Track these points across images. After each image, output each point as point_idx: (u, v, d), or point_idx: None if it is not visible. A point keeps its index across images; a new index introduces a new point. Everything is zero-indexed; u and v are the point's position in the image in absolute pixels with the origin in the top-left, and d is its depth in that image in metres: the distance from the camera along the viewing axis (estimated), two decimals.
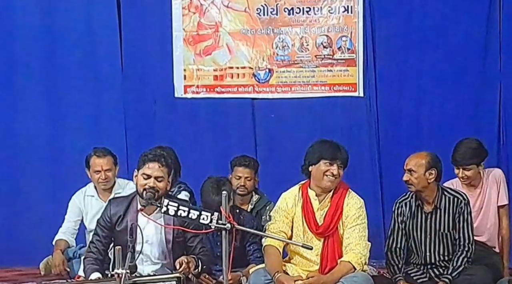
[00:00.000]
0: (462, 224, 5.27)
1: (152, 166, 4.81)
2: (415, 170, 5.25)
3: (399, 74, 6.77)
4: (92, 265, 4.81)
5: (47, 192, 6.97)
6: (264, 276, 4.90)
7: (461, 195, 5.33)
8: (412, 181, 5.26)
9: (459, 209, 5.28)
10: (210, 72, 6.98)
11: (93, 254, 4.87)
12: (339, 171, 5.01)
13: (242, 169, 6.00)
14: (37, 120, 7.01)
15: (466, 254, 5.23)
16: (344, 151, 5.08)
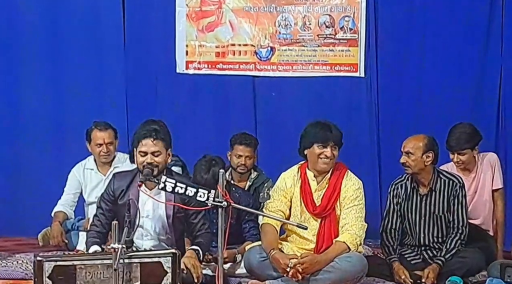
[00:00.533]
0: (456, 206, 5.31)
1: (146, 143, 4.84)
2: (412, 152, 5.28)
3: (401, 55, 6.76)
4: (93, 238, 4.86)
5: (47, 164, 7.00)
6: (260, 254, 4.96)
7: (456, 178, 5.37)
8: (409, 164, 5.29)
9: (454, 192, 5.31)
10: (212, 49, 6.98)
11: (96, 227, 4.92)
12: (333, 152, 5.02)
13: (243, 148, 6.02)
14: (39, 93, 7.03)
15: (459, 236, 5.28)
16: (337, 130, 5.08)
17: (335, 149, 5.04)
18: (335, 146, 5.04)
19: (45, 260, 4.25)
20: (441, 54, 6.72)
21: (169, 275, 4.32)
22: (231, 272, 5.31)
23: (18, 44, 7.02)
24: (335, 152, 5.04)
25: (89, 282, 4.26)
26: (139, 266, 4.30)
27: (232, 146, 6.08)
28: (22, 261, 5.71)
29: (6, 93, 7.07)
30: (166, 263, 4.33)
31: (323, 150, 5.02)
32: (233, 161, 6.03)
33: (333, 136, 5.03)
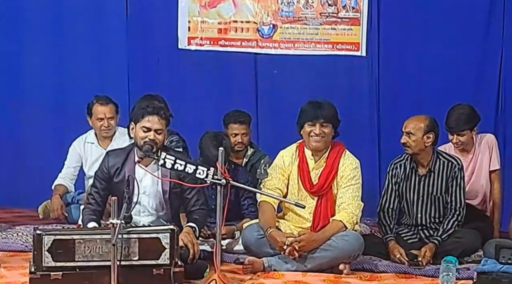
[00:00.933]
0: (454, 188, 5.34)
1: (152, 119, 4.84)
2: (413, 133, 5.29)
3: (403, 35, 6.74)
4: (89, 216, 4.87)
5: (49, 137, 7.04)
6: (257, 232, 5.00)
7: (455, 159, 5.39)
8: (410, 144, 5.31)
9: (452, 173, 5.33)
10: (214, 25, 6.98)
11: (91, 206, 4.93)
12: (323, 130, 5.02)
13: (238, 126, 6.03)
14: (42, 67, 7.05)
15: (457, 217, 5.31)
16: (329, 108, 5.07)
17: (326, 126, 5.03)
18: (325, 123, 5.02)
19: (45, 233, 4.29)
20: (443, 34, 6.70)
21: (167, 251, 4.36)
22: (229, 248, 5.35)
23: (19, 18, 7.03)
24: (326, 130, 5.03)
25: (87, 256, 4.30)
26: (138, 242, 4.34)
27: (227, 126, 6.07)
28: (22, 233, 5.77)
29: (9, 66, 7.09)
30: (164, 239, 4.37)
31: (312, 128, 5.03)
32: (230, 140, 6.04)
33: (322, 114, 5.02)
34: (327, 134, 5.04)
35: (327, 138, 5.06)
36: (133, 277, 4.27)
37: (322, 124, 5.03)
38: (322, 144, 5.06)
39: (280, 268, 4.87)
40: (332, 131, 5.08)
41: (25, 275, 4.44)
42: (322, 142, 5.06)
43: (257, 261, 4.90)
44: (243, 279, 4.70)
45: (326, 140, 5.06)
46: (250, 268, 4.87)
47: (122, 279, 4.12)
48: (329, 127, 5.04)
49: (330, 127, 5.04)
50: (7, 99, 7.08)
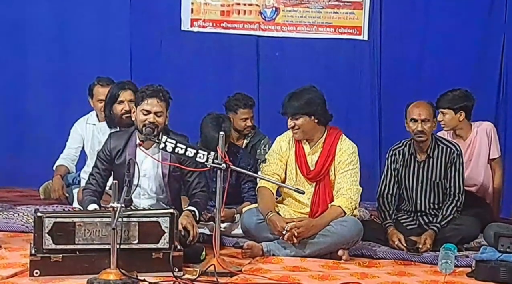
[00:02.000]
0: (453, 173, 5.35)
1: (151, 102, 4.85)
2: (429, 119, 5.27)
3: (405, 20, 6.76)
4: (90, 196, 4.86)
5: (51, 118, 7.07)
6: (256, 216, 5.01)
7: (454, 145, 5.39)
8: (427, 131, 5.28)
9: (451, 159, 5.34)
10: (217, 7, 6.97)
11: (92, 186, 4.93)
12: (294, 122, 5.01)
13: (248, 110, 6.02)
14: (44, 47, 7.07)
15: (455, 203, 5.32)
16: (302, 98, 5.01)
17: (297, 118, 5.00)
18: (296, 115, 5.00)
19: (45, 216, 4.30)
20: (445, 19, 6.72)
21: (167, 235, 4.37)
22: (228, 231, 5.37)
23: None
24: (298, 122, 5.01)
25: (87, 239, 4.31)
26: (137, 225, 4.35)
27: (235, 111, 6.03)
28: (23, 213, 5.79)
29: (11, 47, 7.10)
30: (164, 223, 4.38)
31: (289, 122, 5.06)
32: (239, 125, 6.00)
33: (290, 107, 5.02)
34: (301, 125, 5.01)
35: (304, 128, 5.03)
36: (132, 261, 4.28)
37: (293, 118, 5.02)
38: (300, 135, 5.05)
39: (279, 253, 4.88)
40: (311, 120, 5.02)
41: (26, 256, 4.46)
42: (300, 134, 5.04)
43: (256, 245, 4.91)
44: (242, 264, 4.71)
45: (304, 131, 5.03)
46: (249, 252, 4.88)
47: (122, 262, 4.15)
48: (301, 119, 5.00)
49: (302, 118, 5.00)
50: (9, 80, 7.09)
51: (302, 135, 5.06)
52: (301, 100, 5.01)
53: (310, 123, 5.03)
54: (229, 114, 5.99)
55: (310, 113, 5.01)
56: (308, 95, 5.04)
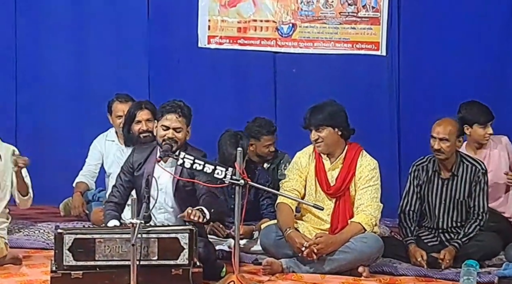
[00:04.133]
0: (478, 192, 5.29)
1: (170, 118, 4.88)
2: (448, 138, 5.20)
3: (423, 34, 6.72)
4: (111, 211, 4.88)
5: (71, 135, 7.08)
6: (275, 233, 4.99)
7: (479, 164, 5.33)
8: (444, 150, 5.22)
9: (476, 178, 5.28)
10: (234, 24, 6.99)
11: (114, 198, 4.95)
12: (318, 135, 5.00)
13: (271, 137, 5.99)
14: (65, 65, 7.09)
15: (479, 222, 5.27)
16: (324, 110, 5.02)
17: (321, 130, 5.00)
18: (320, 127, 4.99)
19: (66, 232, 4.34)
20: (463, 33, 6.69)
21: (186, 251, 4.39)
22: (247, 248, 5.36)
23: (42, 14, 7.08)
24: (322, 134, 5.00)
25: (107, 255, 4.34)
26: (157, 242, 4.38)
27: (258, 138, 5.95)
28: (43, 230, 5.84)
29: (31, 62, 7.14)
30: (183, 239, 4.40)
31: (311, 135, 5.05)
32: (262, 151, 5.95)
33: (313, 119, 5.02)
34: (325, 137, 5.00)
35: (327, 141, 5.02)
36: (152, 277, 4.30)
37: (317, 130, 5.01)
38: (324, 148, 5.04)
39: (298, 269, 4.87)
40: (334, 132, 5.03)
41: (47, 273, 4.49)
42: (323, 146, 5.03)
43: (275, 262, 4.90)
44: (262, 281, 4.72)
45: (327, 143, 5.02)
46: (269, 269, 4.88)
47: (142, 278, 4.16)
48: (325, 130, 5.00)
49: (326, 130, 5.00)
50: (29, 96, 7.13)
51: (326, 148, 5.04)
52: (324, 112, 5.02)
53: (334, 135, 5.02)
54: (251, 140, 5.90)
55: (334, 124, 5.00)
56: (330, 108, 5.05)
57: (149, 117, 5.69)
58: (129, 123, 5.75)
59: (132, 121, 5.74)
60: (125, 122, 5.81)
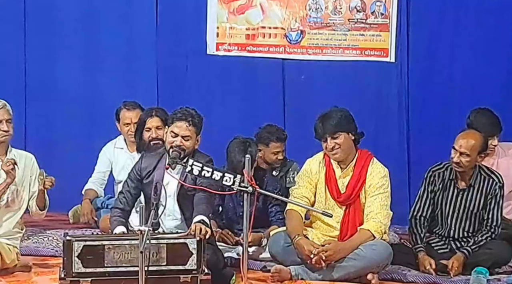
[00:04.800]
0: (492, 205, 5.24)
1: (180, 125, 4.88)
2: (469, 154, 5.13)
3: (432, 41, 6.73)
4: (118, 217, 4.88)
5: (80, 142, 7.08)
6: (284, 240, 4.99)
7: (496, 176, 5.27)
8: (463, 164, 5.16)
9: (493, 191, 5.23)
10: (242, 31, 7.00)
11: (121, 204, 4.95)
12: (335, 142, 4.97)
13: (281, 144, 5.98)
14: (74, 73, 7.11)
15: (491, 234, 5.24)
16: (337, 116, 5.00)
17: (337, 137, 4.98)
18: (336, 134, 4.97)
19: (75, 239, 4.34)
20: (473, 40, 6.68)
21: (194, 256, 4.40)
22: (256, 256, 5.35)
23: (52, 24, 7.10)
24: (338, 140, 4.98)
25: (117, 262, 4.35)
26: (166, 247, 4.38)
27: (266, 144, 5.95)
28: (52, 238, 5.84)
29: (40, 72, 7.15)
30: (191, 245, 4.42)
31: (325, 144, 5.02)
32: (269, 157, 5.95)
33: (328, 127, 4.98)
34: (342, 143, 4.99)
35: (344, 146, 5.00)
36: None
37: (332, 137, 4.99)
38: (341, 155, 5.02)
39: (307, 276, 4.86)
40: (349, 137, 5.02)
41: (55, 281, 4.49)
42: (341, 153, 5.01)
43: (284, 269, 4.89)
44: None
45: (344, 149, 5.01)
46: (277, 276, 4.87)
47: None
48: (341, 136, 4.98)
49: (342, 136, 4.98)
50: (38, 104, 7.15)
51: (343, 155, 5.02)
52: (336, 119, 5.00)
53: (349, 140, 5.02)
54: (260, 146, 5.90)
55: (348, 129, 5.01)
56: (340, 113, 5.04)
57: (158, 124, 5.69)
58: (140, 130, 5.77)
59: (143, 128, 5.74)
60: (137, 129, 5.83)
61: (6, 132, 5.01)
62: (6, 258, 4.89)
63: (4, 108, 5.04)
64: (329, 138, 4.98)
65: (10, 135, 5.07)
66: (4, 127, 5.00)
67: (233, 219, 5.65)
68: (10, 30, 7.10)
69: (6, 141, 5.06)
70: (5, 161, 4.94)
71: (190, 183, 4.82)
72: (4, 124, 5.00)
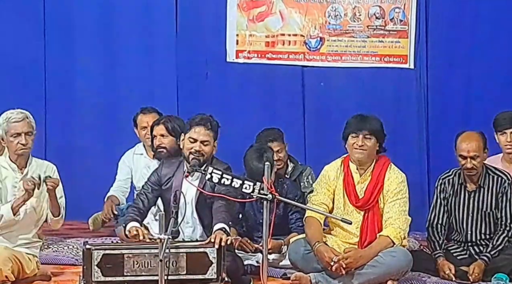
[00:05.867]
0: (505, 203, 5.26)
1: (198, 130, 4.90)
2: (478, 155, 5.18)
3: (451, 47, 6.71)
4: (133, 214, 4.87)
5: (100, 150, 7.12)
6: (304, 247, 4.98)
7: (505, 174, 5.31)
8: (477, 167, 5.20)
9: (502, 189, 5.26)
10: (262, 38, 7.01)
11: (138, 204, 4.95)
12: (365, 142, 4.97)
13: (278, 143, 5.91)
14: (93, 81, 7.15)
15: (507, 233, 5.23)
16: (374, 121, 5.04)
17: (369, 139, 4.99)
18: (368, 135, 4.99)
19: (94, 248, 4.36)
20: (492, 46, 6.66)
21: (214, 266, 4.40)
22: (276, 263, 5.34)
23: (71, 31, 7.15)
24: (368, 142, 4.99)
25: (136, 271, 4.36)
26: (185, 256, 4.39)
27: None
28: (72, 246, 5.87)
29: (60, 78, 7.20)
30: (211, 254, 4.42)
31: (355, 140, 5.00)
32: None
33: (366, 125, 5.00)
34: (370, 147, 5.00)
35: (370, 151, 5.02)
36: None
37: (365, 136, 4.99)
38: (365, 157, 5.03)
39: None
40: (376, 145, 5.04)
41: None
42: (365, 155, 5.02)
43: (304, 276, 4.88)
44: None
45: (369, 153, 5.02)
46: (297, 283, 4.87)
47: None
48: (372, 140, 5.01)
49: (373, 140, 5.01)
50: (58, 112, 7.19)
51: (365, 157, 5.04)
52: (375, 123, 5.05)
53: (375, 147, 5.05)
54: None
55: (379, 137, 5.04)
56: (378, 121, 5.09)
57: (163, 133, 5.74)
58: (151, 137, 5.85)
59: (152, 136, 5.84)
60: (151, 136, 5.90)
61: (24, 145, 4.94)
62: (26, 268, 4.91)
63: (25, 121, 4.96)
64: (361, 136, 4.99)
65: (29, 148, 4.99)
66: (22, 140, 4.92)
67: (253, 226, 5.64)
68: (30, 40, 7.15)
69: (25, 154, 5.00)
70: (27, 179, 4.87)
71: (208, 190, 4.84)
72: (22, 137, 4.92)
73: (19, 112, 5.00)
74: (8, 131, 4.93)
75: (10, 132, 4.93)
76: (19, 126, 4.93)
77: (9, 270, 4.74)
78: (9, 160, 5.02)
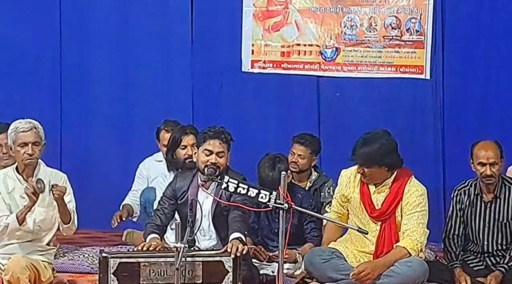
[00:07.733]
0: None
1: (213, 143, 4.93)
2: (497, 162, 5.19)
3: (467, 58, 6.68)
4: (152, 229, 4.90)
5: (114, 160, 7.14)
6: (319, 256, 4.99)
7: None
8: (495, 174, 5.21)
9: None
10: (277, 48, 7.01)
11: (156, 220, 4.98)
12: (364, 171, 4.98)
13: (297, 146, 5.99)
14: (109, 90, 7.18)
15: None
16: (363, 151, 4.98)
17: (366, 168, 4.98)
18: (360, 167, 4.99)
19: (110, 256, 4.37)
20: (509, 57, 6.63)
21: (230, 274, 4.41)
22: (291, 272, 5.33)
23: (88, 42, 7.17)
24: (367, 172, 4.99)
25: (152, 279, 4.37)
26: (201, 265, 4.39)
27: (292, 145, 6.07)
28: (88, 255, 5.88)
29: (76, 87, 7.23)
30: (227, 262, 4.43)
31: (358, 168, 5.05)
32: (289, 159, 6.01)
33: (356, 159, 5.02)
34: (370, 174, 5.00)
35: (373, 176, 5.01)
36: None
37: (360, 168, 5.02)
38: (369, 181, 5.06)
39: None
40: (381, 169, 5.00)
41: None
42: (369, 179, 5.04)
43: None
44: None
45: (372, 177, 5.03)
46: None
47: None
48: (368, 169, 4.99)
49: (373, 168, 4.98)
50: (74, 121, 7.22)
51: (371, 181, 5.06)
52: (372, 151, 4.97)
53: (380, 171, 5.02)
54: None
55: (380, 164, 5.00)
56: (377, 145, 4.99)
57: (194, 142, 5.68)
58: (173, 149, 5.77)
59: (177, 146, 5.75)
60: (169, 147, 5.82)
61: (31, 155, 4.91)
62: (42, 276, 4.91)
63: (32, 131, 4.95)
64: (359, 168, 5.02)
65: (36, 158, 4.97)
66: (29, 150, 4.90)
67: (268, 236, 5.64)
68: (46, 49, 7.19)
69: (31, 164, 4.98)
70: (27, 184, 4.87)
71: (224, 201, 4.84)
72: (29, 146, 4.90)
73: (27, 122, 5.00)
74: (16, 141, 4.94)
75: (18, 141, 4.93)
76: (26, 136, 4.93)
77: (27, 278, 4.74)
78: (16, 171, 5.02)
